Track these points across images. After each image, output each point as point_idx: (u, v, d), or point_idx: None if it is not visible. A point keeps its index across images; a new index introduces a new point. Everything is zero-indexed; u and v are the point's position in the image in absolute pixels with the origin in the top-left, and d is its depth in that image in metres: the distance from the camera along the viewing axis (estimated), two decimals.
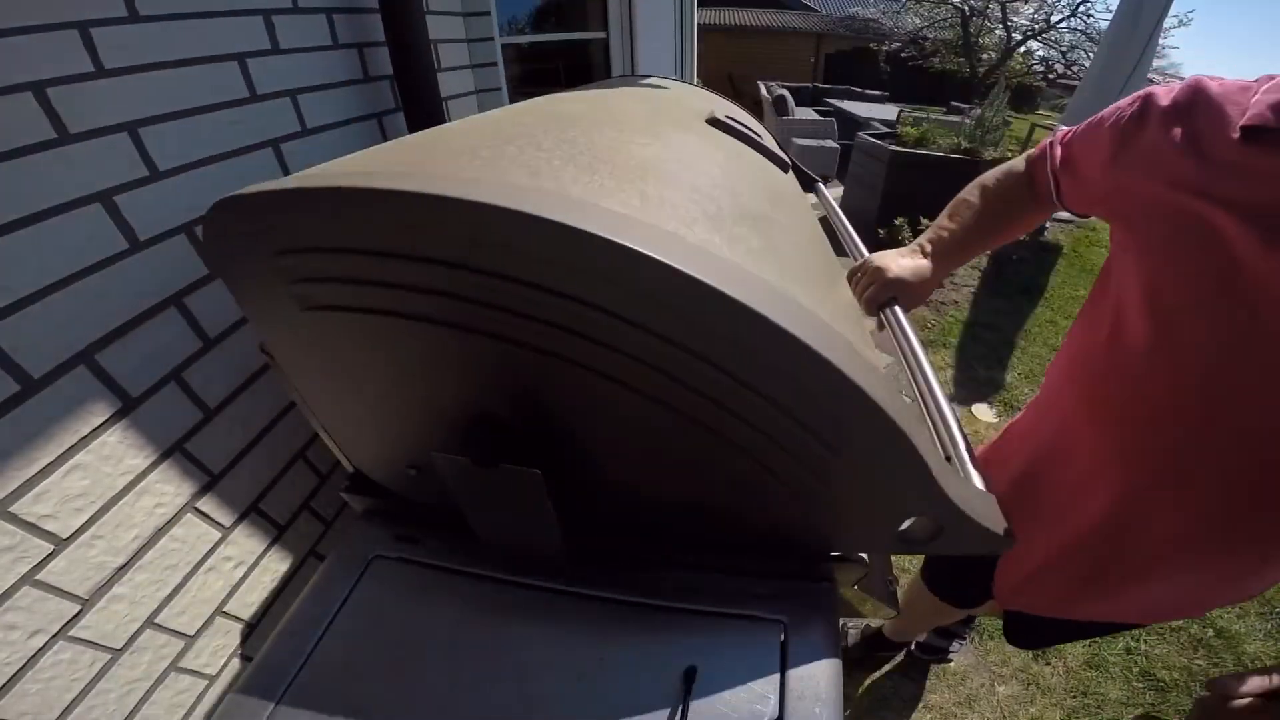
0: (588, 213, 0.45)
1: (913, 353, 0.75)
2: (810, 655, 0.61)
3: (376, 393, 0.66)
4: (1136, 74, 3.70)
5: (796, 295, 0.50)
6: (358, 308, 0.55)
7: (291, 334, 0.62)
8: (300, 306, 0.57)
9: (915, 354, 0.74)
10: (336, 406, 0.72)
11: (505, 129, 0.64)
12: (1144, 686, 1.61)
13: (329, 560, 0.74)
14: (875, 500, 0.58)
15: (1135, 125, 0.65)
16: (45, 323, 0.69)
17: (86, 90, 0.71)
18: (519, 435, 0.61)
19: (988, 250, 0.93)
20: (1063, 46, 15.29)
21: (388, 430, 0.72)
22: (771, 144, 1.09)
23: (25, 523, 0.67)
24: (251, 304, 0.61)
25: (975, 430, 2.62)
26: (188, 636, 0.90)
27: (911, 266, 0.86)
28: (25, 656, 0.68)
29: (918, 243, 0.90)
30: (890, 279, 0.85)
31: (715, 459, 0.58)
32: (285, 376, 0.70)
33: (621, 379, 0.52)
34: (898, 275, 0.85)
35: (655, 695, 0.57)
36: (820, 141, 6.50)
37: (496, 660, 0.61)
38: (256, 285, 0.58)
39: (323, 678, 0.60)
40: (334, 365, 0.64)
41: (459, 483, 0.62)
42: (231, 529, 0.96)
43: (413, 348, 0.58)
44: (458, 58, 1.52)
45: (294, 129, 1.04)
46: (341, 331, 0.58)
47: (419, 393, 0.63)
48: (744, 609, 0.66)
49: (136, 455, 0.80)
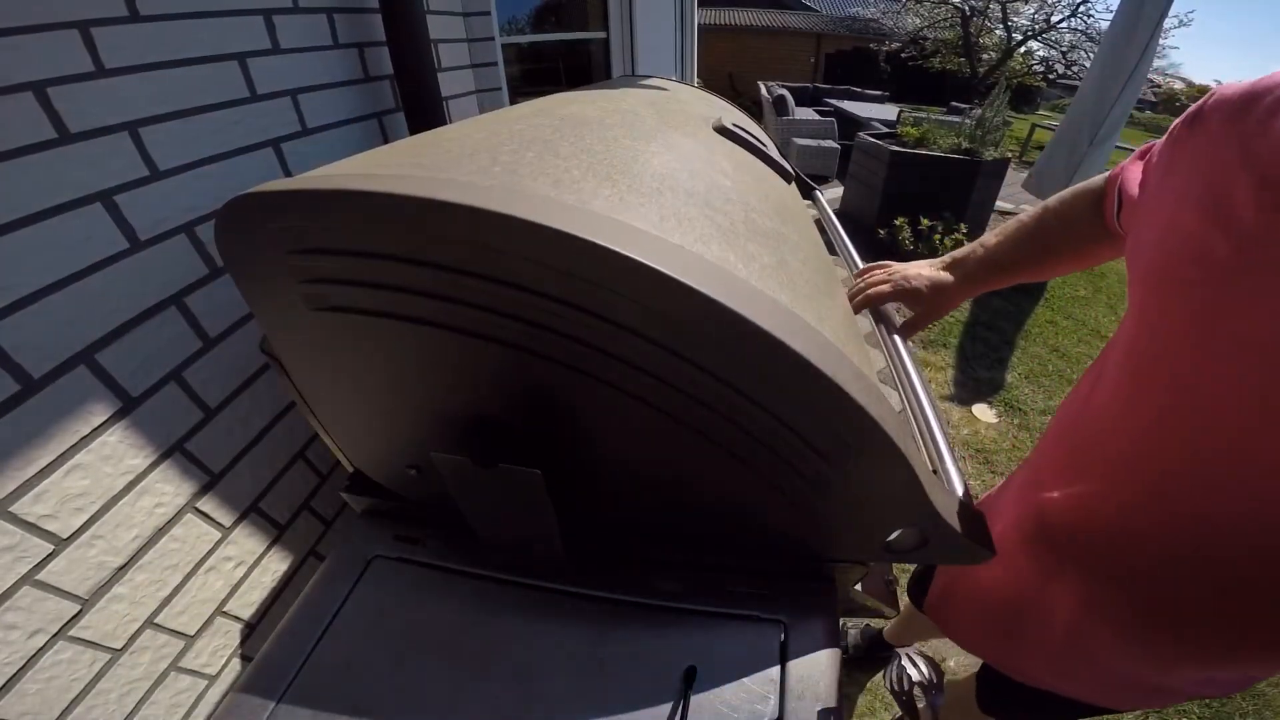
0: (617, 232, 0.45)
1: (900, 359, 0.75)
2: (810, 655, 0.61)
3: (379, 393, 0.66)
4: (1137, 74, 3.70)
5: (805, 314, 0.51)
6: (370, 311, 0.55)
7: (297, 333, 0.62)
8: (309, 307, 0.57)
9: (903, 360, 0.75)
10: (338, 406, 0.72)
11: (522, 132, 0.64)
12: None
13: (329, 560, 0.74)
14: (866, 512, 0.59)
15: (1185, 127, 0.56)
16: (46, 322, 0.69)
17: (87, 90, 0.71)
18: (520, 436, 0.61)
19: (1030, 279, 0.83)
20: (1063, 46, 15.28)
21: (389, 430, 0.72)
22: (775, 153, 1.09)
23: (25, 522, 0.67)
24: (259, 302, 0.61)
25: (975, 430, 2.62)
26: (188, 636, 0.90)
27: (930, 277, 0.81)
28: (25, 656, 0.68)
29: (949, 255, 0.84)
30: (908, 289, 0.81)
31: (717, 469, 0.58)
32: (286, 376, 0.70)
33: (631, 390, 0.52)
34: (915, 286, 0.81)
35: (655, 695, 0.58)
36: (820, 142, 6.50)
37: (496, 660, 0.62)
38: (266, 284, 0.58)
39: (323, 678, 0.60)
40: (338, 365, 0.64)
41: (459, 483, 0.62)
42: (231, 529, 0.96)
43: (420, 350, 0.58)
44: (458, 58, 1.52)
45: (294, 129, 1.04)
46: (349, 332, 0.58)
47: (422, 393, 0.63)
48: (744, 609, 0.66)
49: (136, 455, 0.80)
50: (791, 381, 0.48)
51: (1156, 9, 3.54)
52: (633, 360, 0.50)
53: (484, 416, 0.62)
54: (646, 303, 0.46)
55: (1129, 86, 3.76)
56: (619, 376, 0.52)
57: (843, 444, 0.52)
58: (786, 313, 0.48)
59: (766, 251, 0.59)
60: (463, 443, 0.59)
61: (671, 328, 0.47)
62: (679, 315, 0.46)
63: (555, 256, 0.45)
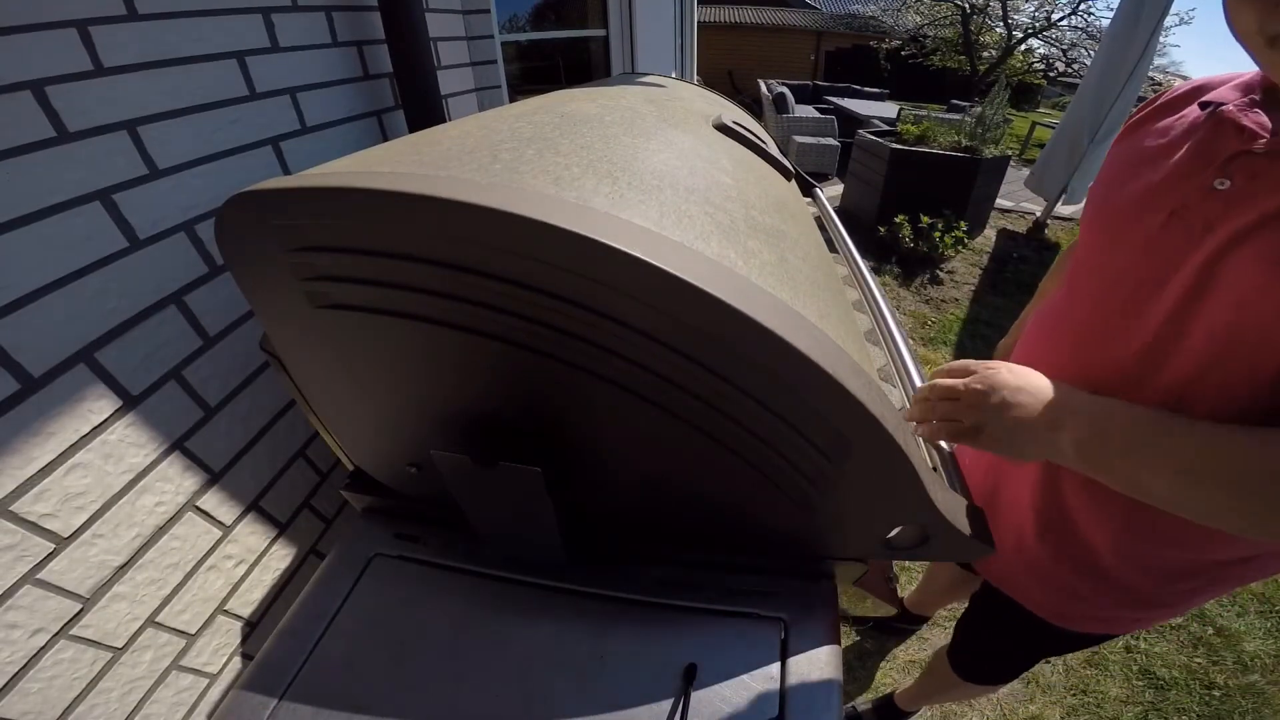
0: (618, 229, 0.45)
1: (901, 356, 0.75)
2: (810, 653, 0.61)
3: (380, 391, 0.66)
4: (1137, 72, 3.69)
5: (805, 310, 0.51)
6: (370, 308, 0.55)
7: (298, 331, 0.62)
8: (312, 304, 0.57)
9: (904, 358, 0.75)
10: (339, 404, 0.72)
11: (522, 129, 0.64)
12: (1143, 685, 1.62)
13: (330, 558, 0.74)
14: (867, 509, 0.59)
15: None
16: (45, 321, 0.69)
17: (85, 89, 0.71)
18: (520, 433, 0.61)
19: None
20: (1063, 44, 15.25)
21: (389, 428, 0.72)
22: (775, 150, 1.09)
23: (26, 522, 0.68)
24: (259, 300, 0.61)
25: None
26: (189, 635, 0.90)
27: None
28: (27, 655, 0.68)
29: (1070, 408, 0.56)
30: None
31: (717, 465, 0.58)
32: (286, 374, 0.70)
33: (631, 387, 0.52)
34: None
35: (656, 692, 0.58)
36: (820, 139, 6.50)
37: (497, 658, 0.62)
38: (266, 281, 0.58)
39: (324, 676, 0.60)
40: (339, 363, 0.64)
41: (459, 481, 0.62)
42: (232, 527, 0.96)
43: (422, 348, 0.58)
44: (457, 55, 1.52)
45: (294, 127, 1.03)
46: (349, 330, 0.58)
47: (423, 391, 0.63)
48: (744, 606, 0.66)
49: (137, 454, 0.80)
50: (793, 378, 0.48)
51: (1157, 7, 3.54)
52: (634, 357, 0.50)
53: (485, 414, 0.61)
54: (648, 300, 0.46)
55: (1130, 84, 3.75)
56: (620, 373, 0.52)
57: (843, 441, 0.52)
58: (787, 309, 0.48)
59: (767, 248, 0.59)
60: (463, 441, 0.59)
61: (673, 325, 0.47)
62: (680, 312, 0.46)
63: (556, 253, 0.45)
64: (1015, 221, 5.18)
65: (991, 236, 4.76)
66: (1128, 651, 1.70)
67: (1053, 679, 1.62)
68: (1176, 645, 1.71)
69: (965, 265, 4.20)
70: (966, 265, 4.20)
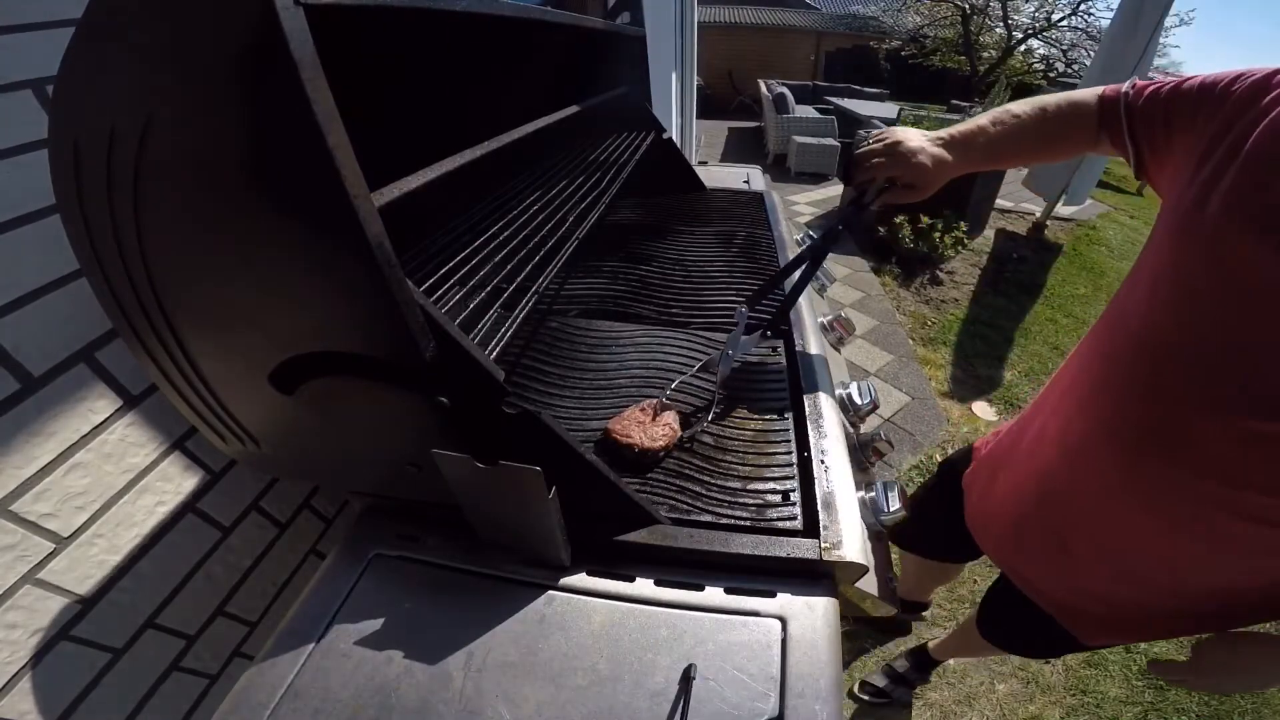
0: None
1: None
2: (810, 653, 0.61)
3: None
4: (1137, 72, 3.69)
5: None
6: None
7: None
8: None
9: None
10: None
11: None
12: (1143, 685, 1.62)
13: (330, 559, 0.74)
14: None
15: None
16: (45, 321, 0.68)
17: None
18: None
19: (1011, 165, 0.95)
20: (1063, 45, 15.24)
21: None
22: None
23: (26, 521, 0.67)
24: None
25: (975, 428, 2.62)
26: (188, 636, 0.90)
27: (933, 154, 0.84)
28: (26, 656, 0.68)
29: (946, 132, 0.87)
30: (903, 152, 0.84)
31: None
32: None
33: None
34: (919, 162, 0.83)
35: (655, 693, 0.58)
36: (820, 139, 6.51)
37: (496, 657, 0.61)
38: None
39: (324, 677, 0.60)
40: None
41: (460, 480, 0.62)
42: (232, 527, 0.96)
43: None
44: None
45: None
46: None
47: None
48: (744, 607, 0.66)
49: (137, 453, 0.80)
50: None
51: (1157, 7, 3.54)
52: None
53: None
54: None
55: None
56: None
57: None
58: None
59: None
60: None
61: None
62: None
63: None
64: (1015, 222, 5.19)
65: (991, 237, 4.77)
66: (1128, 651, 1.70)
67: (1052, 679, 1.62)
68: (1176, 645, 1.71)
69: (965, 265, 4.21)
70: (966, 265, 4.21)
